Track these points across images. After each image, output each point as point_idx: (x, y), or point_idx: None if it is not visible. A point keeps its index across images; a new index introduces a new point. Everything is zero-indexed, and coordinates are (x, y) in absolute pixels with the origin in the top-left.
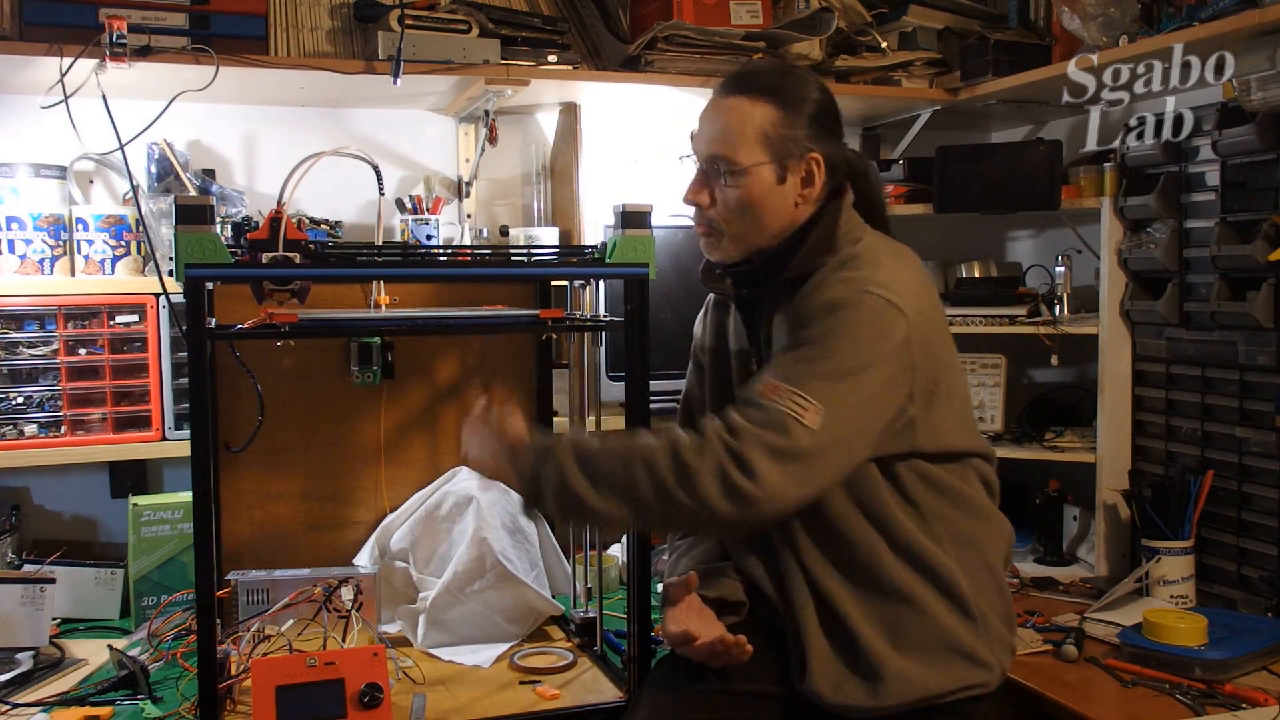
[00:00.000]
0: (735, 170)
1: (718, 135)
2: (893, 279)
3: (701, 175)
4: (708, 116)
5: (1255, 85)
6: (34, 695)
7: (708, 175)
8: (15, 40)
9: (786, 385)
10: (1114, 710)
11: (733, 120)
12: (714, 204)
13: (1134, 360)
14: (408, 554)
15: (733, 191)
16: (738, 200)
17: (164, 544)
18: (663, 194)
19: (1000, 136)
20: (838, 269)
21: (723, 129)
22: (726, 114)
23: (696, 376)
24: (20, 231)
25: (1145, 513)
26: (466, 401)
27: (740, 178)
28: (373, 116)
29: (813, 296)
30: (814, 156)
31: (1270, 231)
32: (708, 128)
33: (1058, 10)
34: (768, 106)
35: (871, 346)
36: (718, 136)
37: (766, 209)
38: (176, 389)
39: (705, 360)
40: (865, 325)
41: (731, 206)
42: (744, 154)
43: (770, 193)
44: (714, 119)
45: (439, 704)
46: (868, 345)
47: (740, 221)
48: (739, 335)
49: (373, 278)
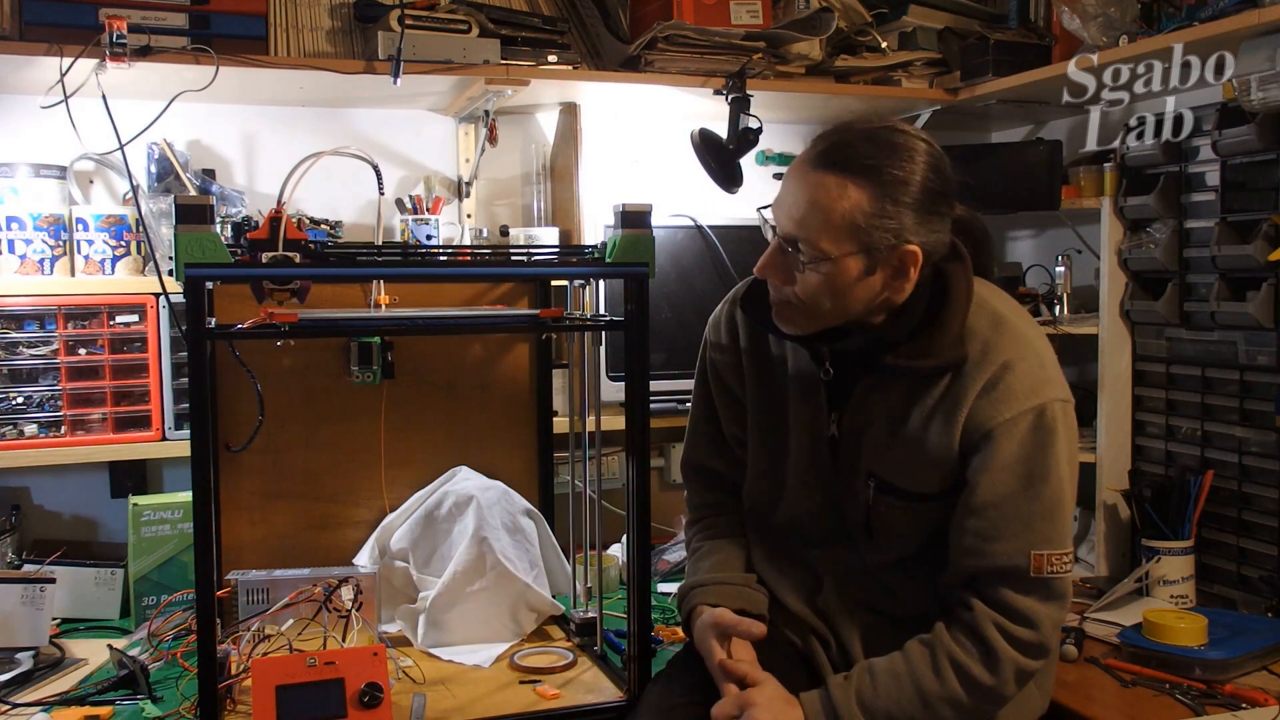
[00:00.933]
0: (817, 258)
1: (802, 215)
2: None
3: (779, 248)
4: (793, 188)
5: (1255, 85)
6: (34, 695)
7: (785, 252)
8: (15, 40)
9: (1050, 551)
10: (1114, 710)
11: (821, 200)
12: (789, 283)
13: (1134, 360)
14: (408, 554)
15: (812, 277)
16: (817, 287)
17: (164, 544)
18: (663, 194)
19: (1000, 136)
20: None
21: (808, 209)
22: (814, 190)
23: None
24: (20, 231)
25: (1145, 513)
26: (467, 401)
27: (821, 264)
28: (373, 116)
29: (983, 411)
30: (910, 249)
31: (1270, 231)
32: (791, 202)
33: (1058, 10)
34: (862, 192)
35: (1071, 459)
36: (802, 217)
37: (849, 297)
38: (176, 389)
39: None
40: (1064, 442)
41: (811, 291)
42: (828, 242)
43: (854, 285)
44: (799, 193)
45: (439, 704)
46: (1069, 463)
47: (817, 305)
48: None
49: (373, 278)
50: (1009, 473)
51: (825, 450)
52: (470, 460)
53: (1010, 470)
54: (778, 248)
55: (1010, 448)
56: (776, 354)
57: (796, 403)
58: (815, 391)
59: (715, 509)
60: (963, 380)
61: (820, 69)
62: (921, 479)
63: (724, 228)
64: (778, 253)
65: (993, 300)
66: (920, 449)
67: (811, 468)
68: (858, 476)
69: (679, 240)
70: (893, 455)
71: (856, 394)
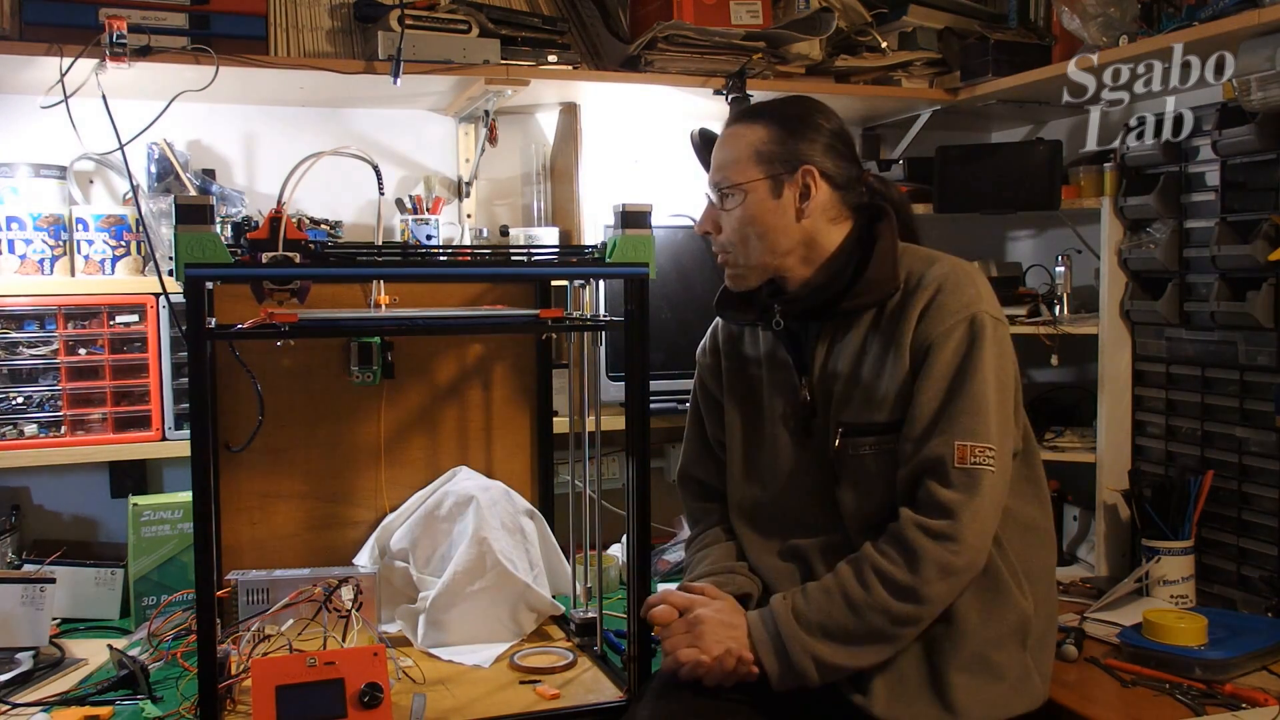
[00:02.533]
0: (731, 190)
1: (719, 164)
2: (986, 289)
3: (710, 206)
4: (716, 147)
5: (1255, 85)
6: (34, 695)
7: (712, 204)
8: (15, 40)
9: (973, 442)
10: (1114, 710)
11: (729, 145)
12: (719, 229)
13: (1134, 360)
14: (408, 554)
15: (734, 212)
16: (739, 220)
17: (164, 544)
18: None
19: (1000, 136)
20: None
21: (720, 155)
22: (723, 141)
23: (713, 415)
24: (20, 231)
25: (1145, 513)
26: (467, 401)
27: (736, 197)
28: (373, 116)
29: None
30: (807, 169)
31: (1270, 231)
32: (715, 156)
33: (1058, 10)
34: (762, 127)
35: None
36: (718, 164)
37: (768, 225)
38: (176, 389)
39: (722, 391)
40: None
41: (735, 227)
42: (737, 174)
43: (767, 208)
44: (718, 150)
45: (439, 704)
46: (996, 368)
47: (746, 244)
48: (776, 364)
49: (373, 278)
50: (941, 378)
51: (802, 419)
52: (470, 460)
53: (943, 375)
54: (709, 205)
55: (944, 355)
56: (751, 353)
57: (771, 386)
58: (785, 365)
59: (707, 521)
60: (904, 308)
61: (820, 69)
62: (884, 408)
63: None
64: (709, 208)
65: (924, 249)
66: (879, 381)
67: (793, 443)
68: (830, 433)
69: (679, 240)
70: (858, 395)
71: (817, 351)
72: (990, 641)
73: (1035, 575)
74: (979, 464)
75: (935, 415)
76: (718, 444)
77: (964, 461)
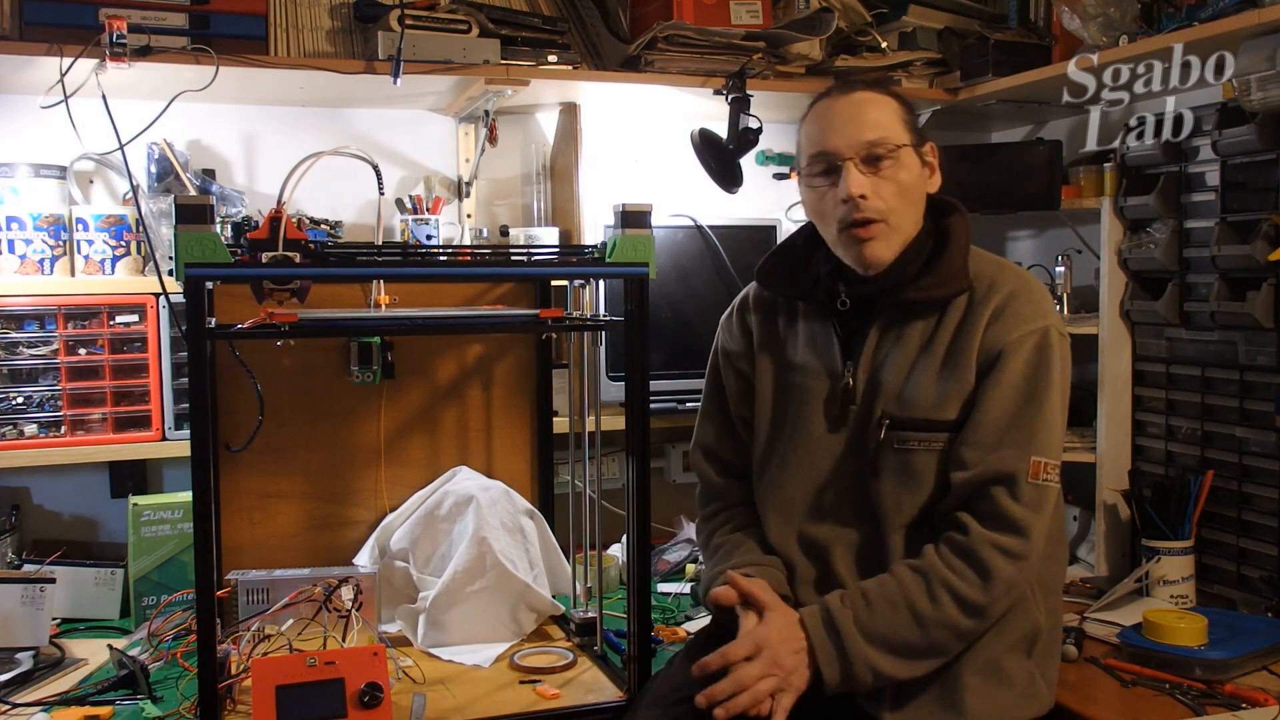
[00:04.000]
0: (897, 149)
1: (870, 123)
2: (1051, 303)
3: (856, 172)
4: (843, 113)
5: (1255, 85)
6: (34, 695)
7: (861, 169)
8: (15, 40)
9: (1046, 459)
10: (1114, 710)
11: (878, 109)
12: (879, 196)
13: (1134, 360)
14: (408, 554)
15: (898, 173)
16: (902, 183)
17: (164, 544)
18: (663, 194)
19: (1000, 136)
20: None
21: (871, 117)
22: (864, 104)
23: (739, 393)
24: (20, 231)
25: (1145, 513)
26: (467, 401)
27: (898, 159)
28: (373, 116)
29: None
30: (929, 143)
31: (1270, 231)
32: (851, 121)
33: (1058, 10)
34: (893, 99)
35: (1064, 386)
36: (870, 124)
37: (919, 193)
38: (176, 389)
39: (754, 368)
40: (1060, 365)
41: (896, 190)
42: (899, 133)
43: (919, 176)
44: (854, 111)
45: (439, 704)
46: (1062, 385)
47: (903, 207)
48: (818, 346)
49: (373, 277)
50: (1014, 388)
51: (841, 406)
52: (470, 460)
53: (1016, 385)
54: (859, 166)
55: (1017, 364)
56: (787, 331)
57: (810, 368)
58: (829, 347)
59: (730, 500)
60: (974, 309)
61: (820, 69)
62: (939, 406)
63: (724, 228)
64: (861, 169)
65: (991, 254)
66: (938, 379)
67: (828, 430)
68: (872, 423)
69: (679, 240)
70: (910, 390)
71: (870, 339)
72: (1002, 648)
73: (1049, 587)
74: (1049, 481)
75: (1007, 425)
76: (741, 422)
77: (1036, 477)
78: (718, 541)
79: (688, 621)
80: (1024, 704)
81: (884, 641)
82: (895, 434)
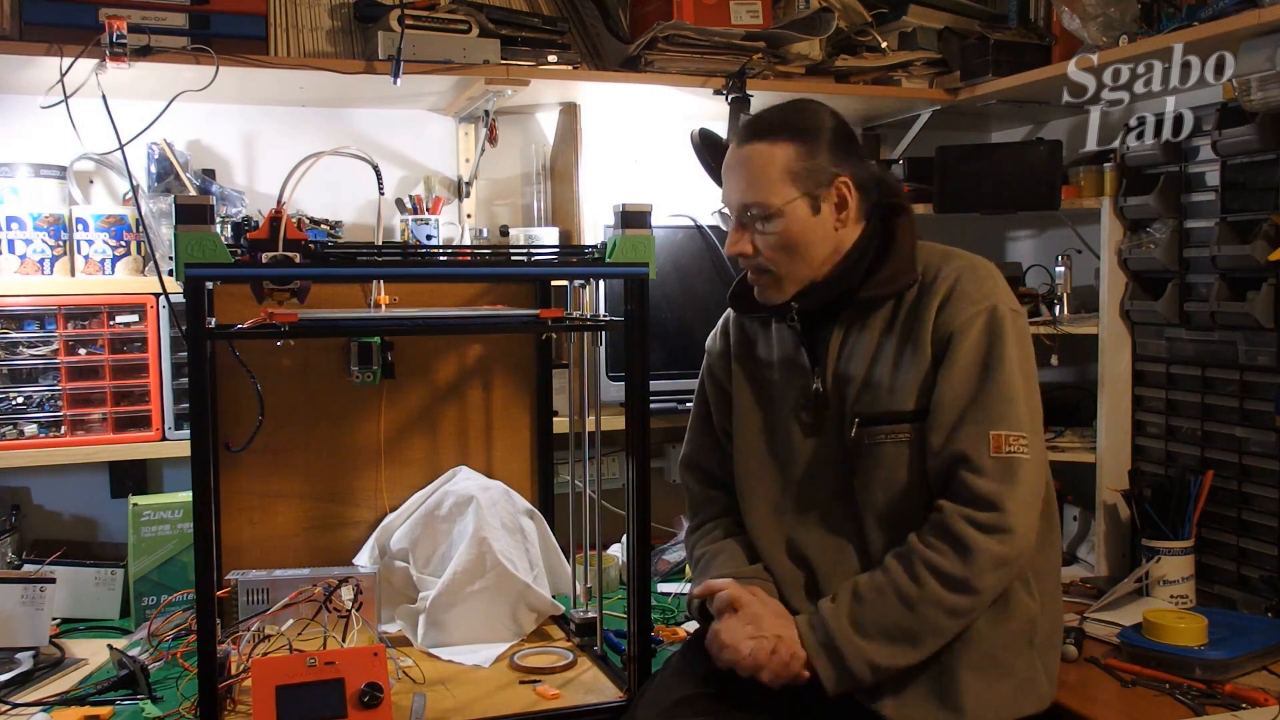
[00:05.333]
0: (770, 214)
1: (745, 184)
2: (1002, 283)
3: (738, 226)
4: (731, 169)
5: (1255, 85)
6: (34, 695)
7: (744, 225)
8: (15, 40)
9: (1007, 431)
10: (1114, 710)
11: (755, 166)
12: (757, 251)
13: (1134, 360)
14: (408, 554)
15: (773, 236)
16: (779, 241)
17: (164, 544)
18: (663, 194)
19: (1000, 136)
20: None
21: (748, 177)
22: (748, 162)
23: (721, 406)
24: (20, 231)
25: (1145, 513)
26: (467, 401)
27: (776, 220)
28: (373, 116)
29: (943, 320)
30: (842, 180)
31: (1270, 231)
32: (734, 179)
33: (1058, 10)
34: (786, 145)
35: (1023, 359)
36: (745, 186)
37: (809, 242)
38: (176, 389)
39: (733, 381)
40: (1013, 339)
41: (775, 248)
42: (774, 195)
43: (808, 226)
44: (738, 170)
45: (439, 704)
46: (1020, 358)
47: (788, 260)
48: (788, 355)
49: (373, 277)
50: (967, 369)
51: (814, 411)
52: (470, 460)
53: (967, 366)
54: (737, 223)
55: (967, 345)
56: (762, 345)
57: (784, 379)
58: (798, 357)
59: (713, 511)
60: (923, 299)
61: (820, 69)
62: (902, 398)
63: None
64: (739, 228)
65: (939, 245)
66: (897, 372)
67: (805, 436)
68: (845, 423)
69: (679, 240)
70: (875, 386)
71: (834, 339)
72: (999, 642)
73: (1042, 575)
74: (1014, 452)
75: (964, 406)
76: (724, 434)
77: (999, 451)
78: (700, 552)
79: (688, 621)
80: (1023, 697)
81: (876, 630)
82: (866, 430)
